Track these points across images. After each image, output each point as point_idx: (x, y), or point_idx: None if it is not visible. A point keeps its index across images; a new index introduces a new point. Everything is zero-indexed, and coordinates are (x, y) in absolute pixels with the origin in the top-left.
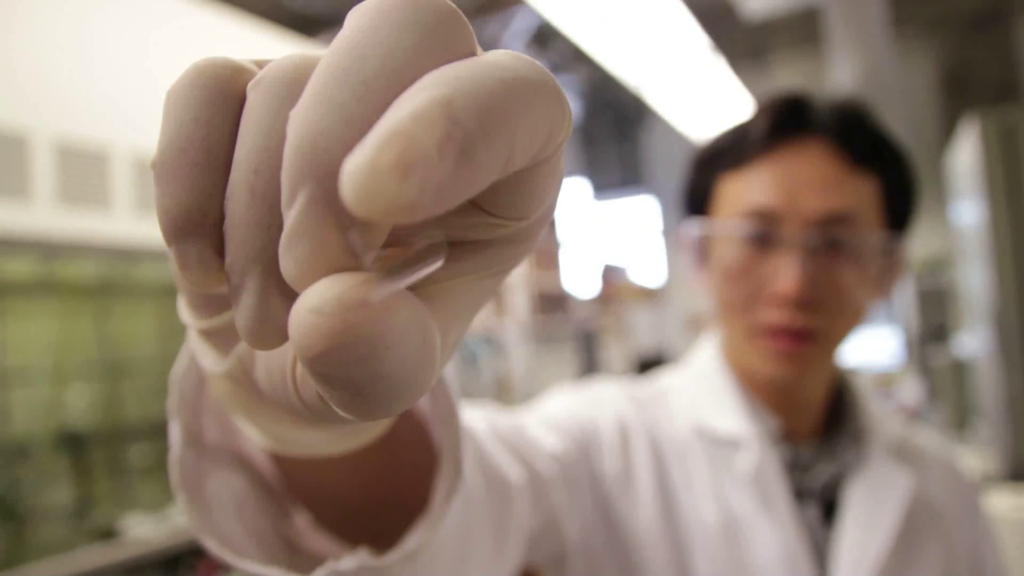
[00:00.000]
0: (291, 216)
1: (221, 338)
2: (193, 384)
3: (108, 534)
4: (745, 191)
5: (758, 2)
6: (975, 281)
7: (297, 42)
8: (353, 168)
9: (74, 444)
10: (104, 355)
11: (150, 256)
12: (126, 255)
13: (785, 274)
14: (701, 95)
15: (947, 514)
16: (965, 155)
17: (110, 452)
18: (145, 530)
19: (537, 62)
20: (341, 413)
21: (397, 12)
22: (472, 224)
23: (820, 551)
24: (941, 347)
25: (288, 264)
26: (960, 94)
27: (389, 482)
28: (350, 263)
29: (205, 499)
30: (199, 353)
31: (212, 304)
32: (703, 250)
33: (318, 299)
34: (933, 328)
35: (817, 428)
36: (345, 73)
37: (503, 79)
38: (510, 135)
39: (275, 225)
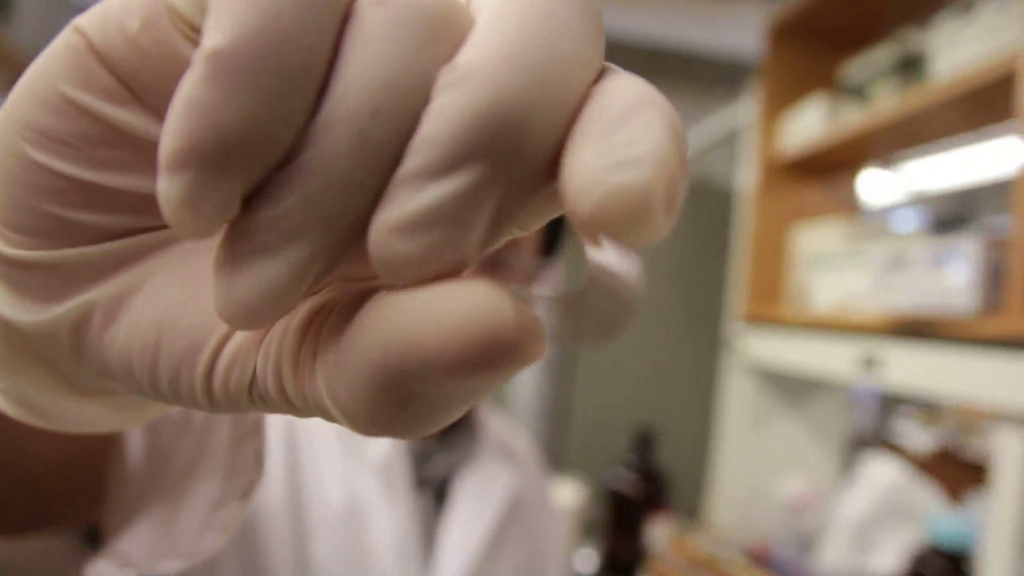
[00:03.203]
0: (439, 191)
1: (45, 277)
2: None
3: None
4: None
5: None
6: None
7: None
8: (622, 187)
9: None
10: None
11: None
12: None
13: None
14: None
15: (533, 507)
16: None
17: None
18: None
19: None
20: (360, 422)
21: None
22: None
23: (431, 536)
24: None
25: (408, 246)
26: None
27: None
28: (462, 265)
29: None
30: None
31: (51, 232)
32: None
33: (502, 299)
34: None
35: None
36: (541, 46)
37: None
38: None
39: (373, 188)
